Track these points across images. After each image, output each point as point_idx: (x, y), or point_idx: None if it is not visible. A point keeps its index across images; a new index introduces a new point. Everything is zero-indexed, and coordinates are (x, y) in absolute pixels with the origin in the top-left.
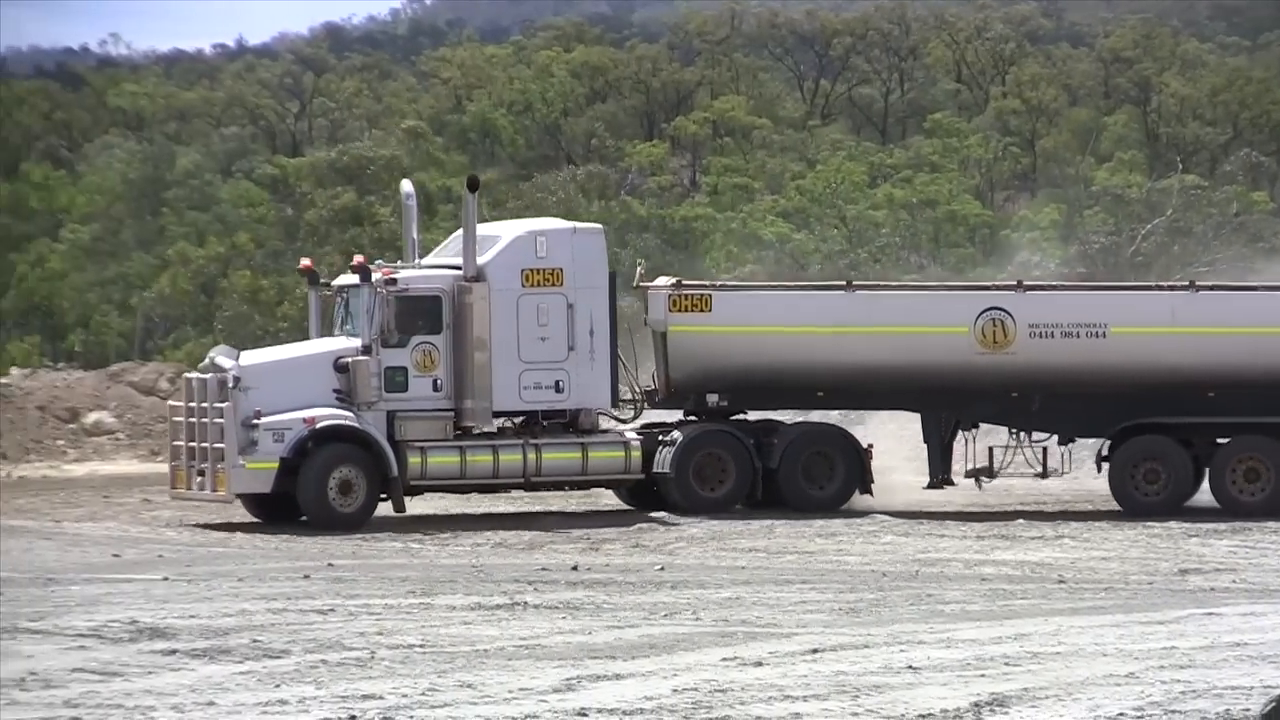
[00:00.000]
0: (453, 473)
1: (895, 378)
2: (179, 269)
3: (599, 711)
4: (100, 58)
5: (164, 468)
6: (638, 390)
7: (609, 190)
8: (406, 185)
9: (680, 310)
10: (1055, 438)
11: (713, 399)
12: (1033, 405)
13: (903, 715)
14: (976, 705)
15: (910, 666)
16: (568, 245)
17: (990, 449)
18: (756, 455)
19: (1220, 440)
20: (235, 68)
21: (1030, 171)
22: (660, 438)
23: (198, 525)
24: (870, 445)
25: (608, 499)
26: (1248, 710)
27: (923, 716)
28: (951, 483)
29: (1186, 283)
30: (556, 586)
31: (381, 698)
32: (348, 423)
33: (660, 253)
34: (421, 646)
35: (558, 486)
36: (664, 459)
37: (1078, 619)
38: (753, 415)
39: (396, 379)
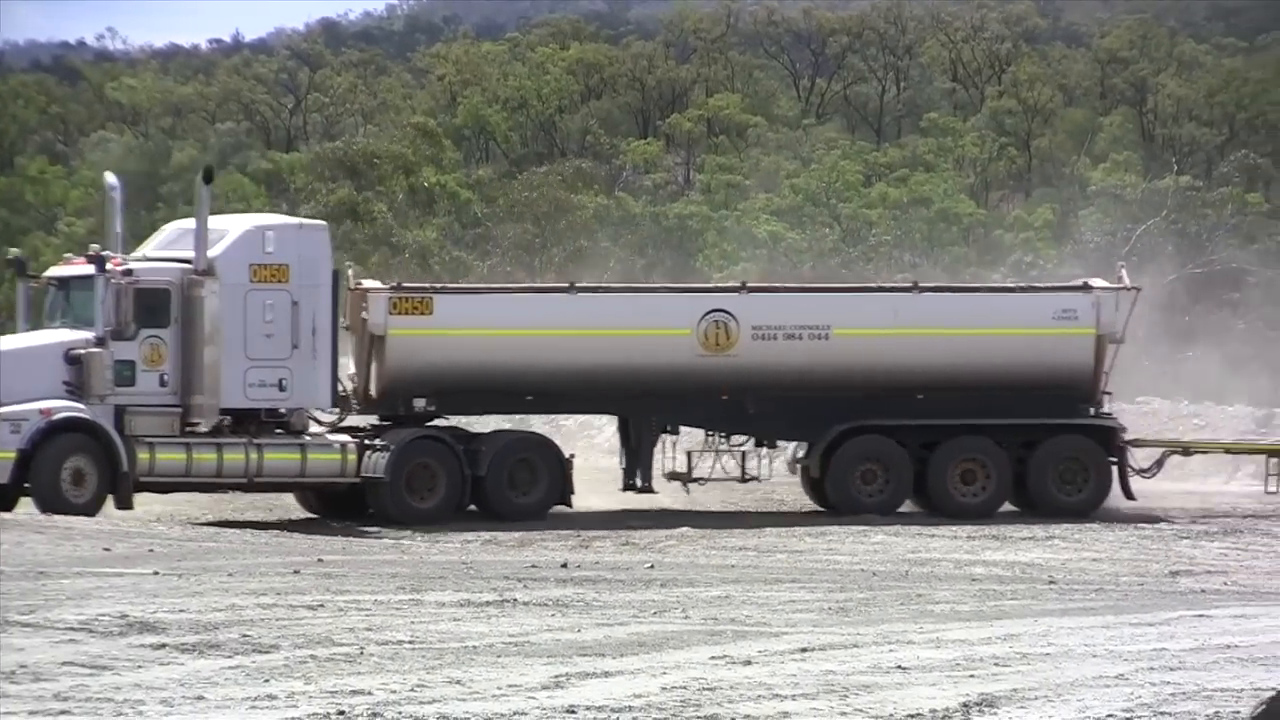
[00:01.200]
0: (179, 470)
1: (617, 381)
2: None
3: (587, 708)
4: (97, 52)
5: None
6: (346, 393)
7: (598, 184)
8: (110, 177)
9: (401, 313)
10: (753, 441)
11: (420, 403)
12: (748, 408)
13: (891, 715)
14: (965, 705)
15: (899, 666)
16: (294, 242)
17: (689, 453)
18: (466, 463)
19: (937, 442)
20: (231, 63)
21: (1025, 171)
22: (367, 442)
23: (188, 520)
24: (573, 455)
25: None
26: (1237, 713)
27: (911, 716)
28: (653, 490)
29: (910, 283)
30: (546, 584)
31: (370, 693)
32: (82, 414)
33: (654, 248)
34: (411, 643)
35: (278, 487)
36: (376, 464)
37: (1068, 620)
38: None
39: (124, 373)
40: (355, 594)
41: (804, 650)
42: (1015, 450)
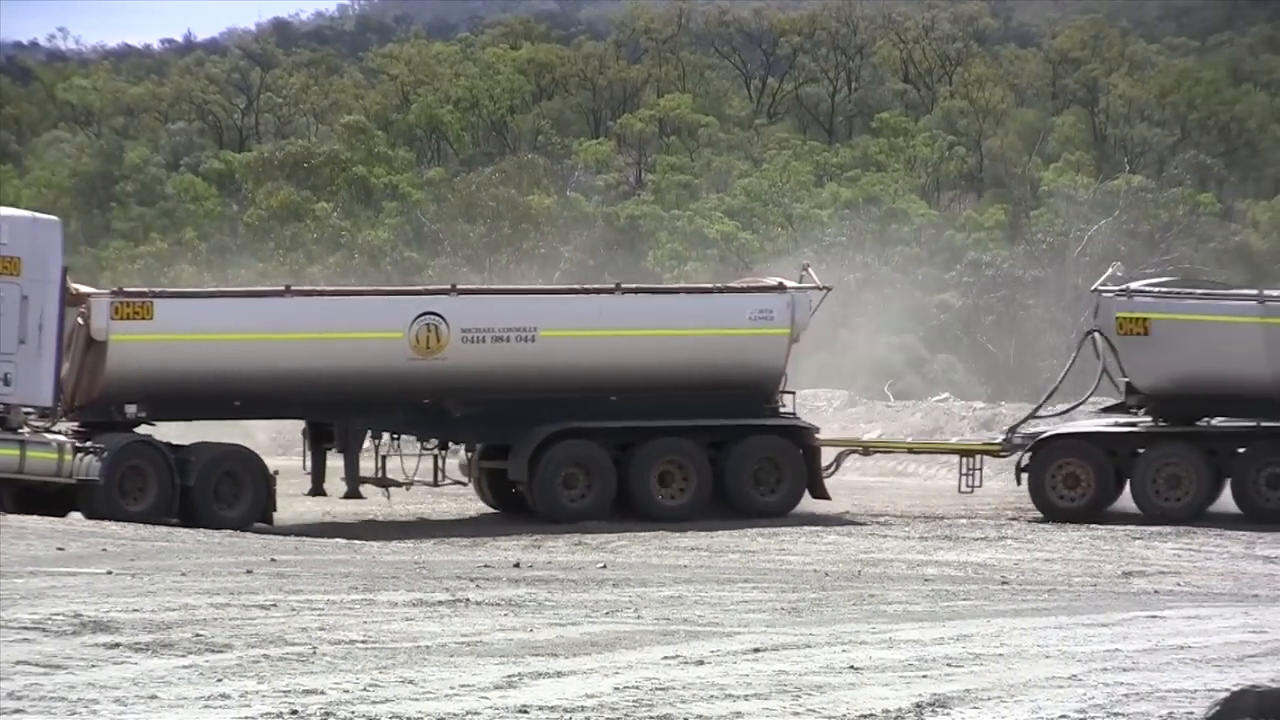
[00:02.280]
0: None
1: (331, 385)
2: (123, 265)
3: (540, 708)
4: (49, 52)
5: None
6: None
7: (546, 180)
8: None
9: (123, 318)
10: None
11: (131, 409)
12: (453, 412)
13: (844, 715)
14: (918, 706)
15: (852, 666)
16: (28, 234)
17: (383, 458)
18: (177, 471)
19: (637, 444)
20: (183, 63)
21: (977, 172)
22: (78, 445)
23: (142, 520)
24: (277, 471)
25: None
26: (1191, 713)
27: (864, 716)
28: (360, 495)
29: (612, 285)
30: (499, 583)
31: (323, 693)
32: None
33: (605, 248)
34: (363, 642)
35: None
36: (90, 466)
37: (1020, 620)
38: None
39: None
40: (308, 594)
41: (757, 650)
42: (712, 451)
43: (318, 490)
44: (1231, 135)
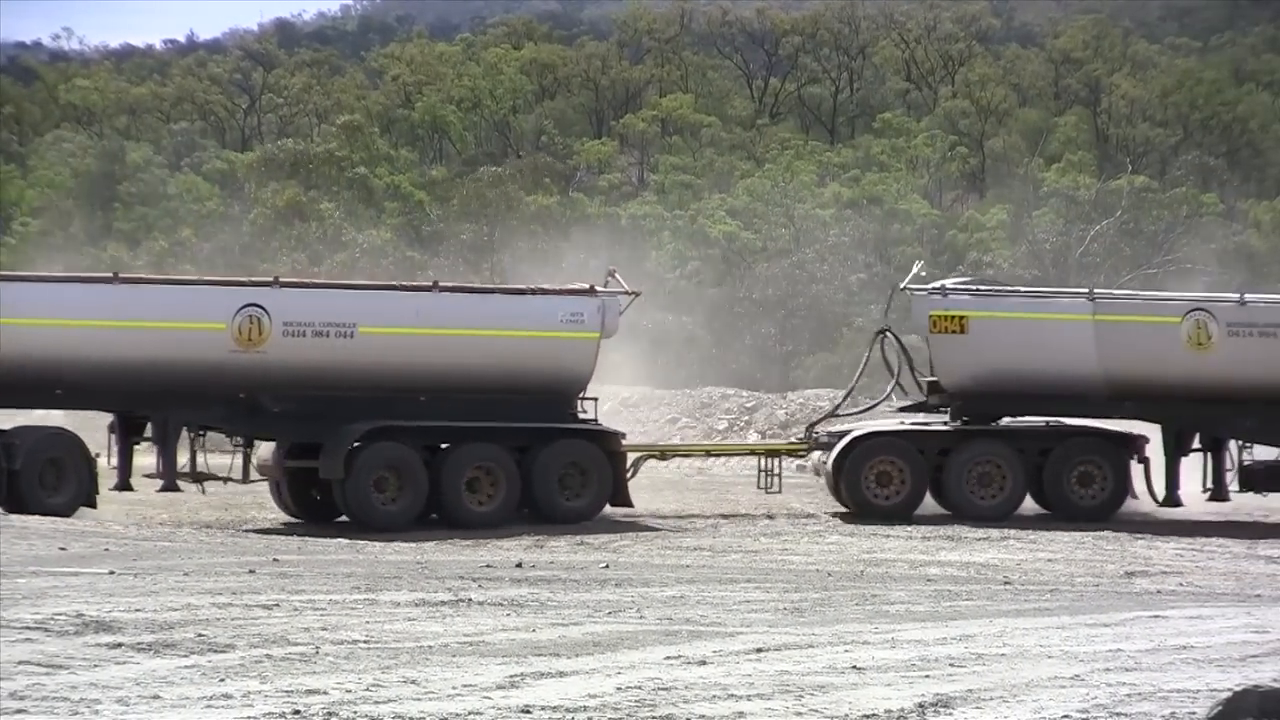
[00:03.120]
0: None
1: (152, 376)
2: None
3: (543, 708)
4: (52, 52)
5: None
6: None
7: (551, 179)
8: None
9: None
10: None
11: None
12: (270, 407)
13: (847, 715)
14: (921, 706)
15: (855, 666)
16: None
17: (195, 453)
18: (3, 456)
19: (450, 446)
20: (186, 63)
21: (979, 172)
22: None
23: (144, 520)
24: (98, 454)
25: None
26: (1193, 713)
27: (867, 717)
28: (177, 488)
29: (430, 283)
30: (501, 583)
31: (326, 693)
32: None
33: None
34: (366, 642)
35: None
36: None
37: (1023, 620)
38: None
39: None
40: (310, 594)
41: (759, 650)
42: (519, 456)
43: (124, 485)
44: (1233, 135)
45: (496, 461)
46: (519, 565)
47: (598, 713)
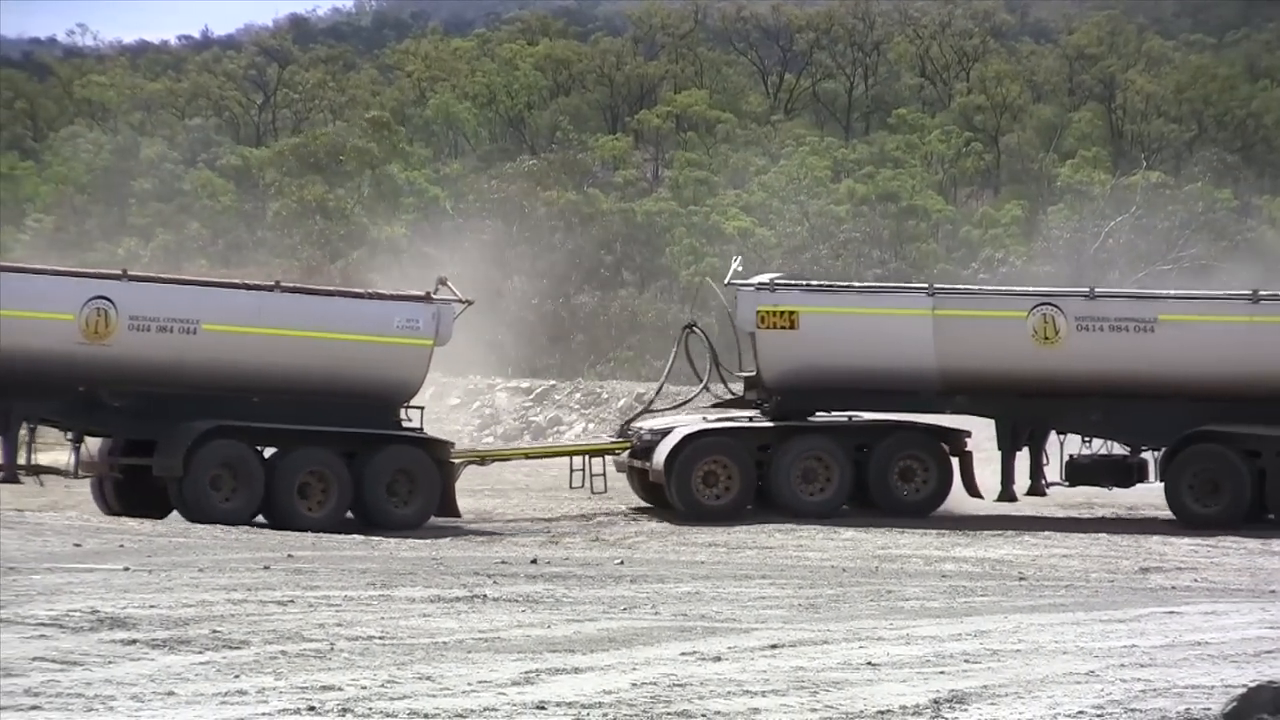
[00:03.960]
0: None
1: (1, 364)
2: (136, 260)
3: (557, 704)
4: (67, 48)
5: None
6: None
7: (568, 178)
8: None
9: None
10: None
11: None
12: (110, 402)
13: (861, 712)
14: (936, 702)
15: (869, 663)
16: None
17: (32, 446)
18: None
19: (285, 449)
20: (201, 59)
21: (993, 168)
22: None
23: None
24: None
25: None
26: (1208, 709)
27: (882, 713)
28: (18, 480)
29: (272, 282)
30: (516, 580)
31: (340, 689)
32: None
33: (622, 244)
34: (381, 638)
35: None
36: None
37: (1038, 616)
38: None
39: None
40: (325, 590)
41: (774, 646)
42: (349, 461)
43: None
44: (1248, 132)
45: (328, 466)
46: (534, 561)
47: (613, 709)
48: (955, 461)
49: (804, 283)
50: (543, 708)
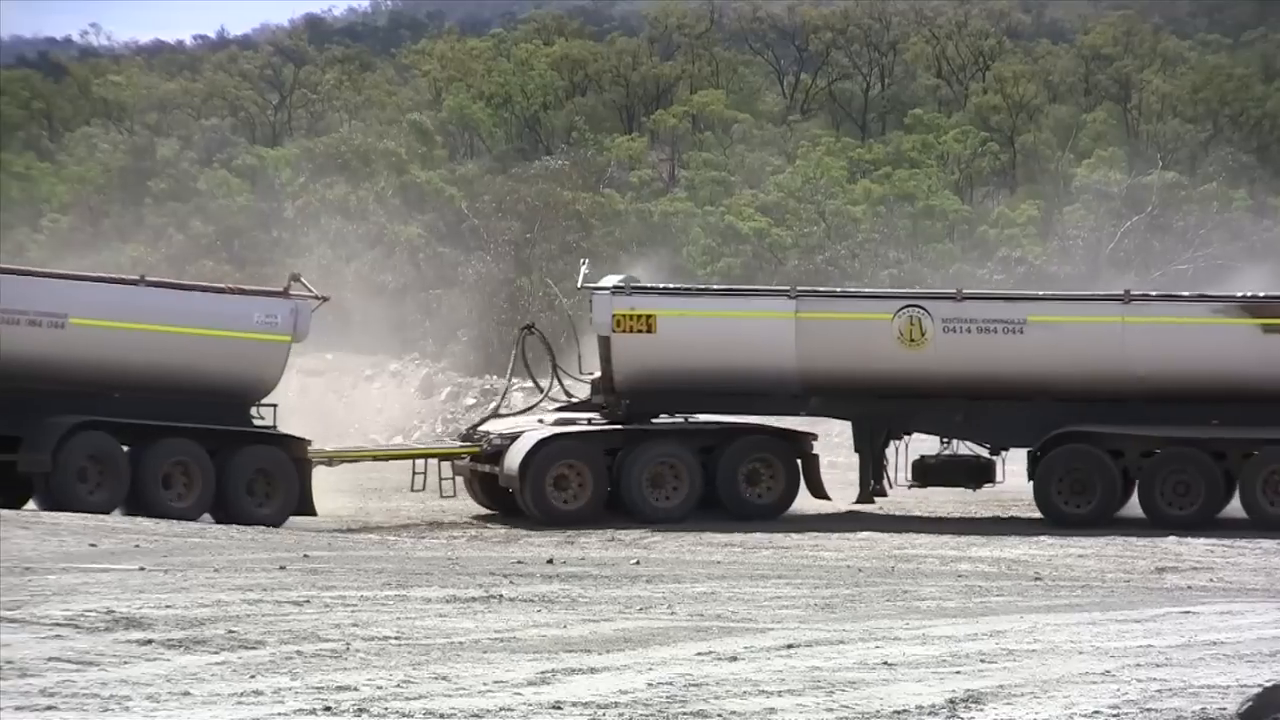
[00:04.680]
0: None
1: None
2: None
3: (573, 704)
4: (82, 48)
5: None
6: None
7: (585, 177)
8: None
9: None
10: None
11: None
12: None
13: (878, 711)
14: (952, 702)
15: (885, 662)
16: None
17: None
18: None
19: (149, 442)
20: (216, 59)
21: (1009, 168)
22: None
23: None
24: None
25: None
26: (1224, 709)
27: (898, 713)
28: None
29: (138, 276)
30: (532, 580)
31: (356, 689)
32: None
33: (639, 244)
34: (397, 638)
35: None
36: None
37: (1054, 616)
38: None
39: None
40: (341, 590)
41: (790, 646)
42: (211, 458)
43: None
44: (1263, 131)
45: (193, 459)
46: (550, 561)
47: (629, 709)
48: (799, 464)
49: (660, 286)
50: (559, 708)
